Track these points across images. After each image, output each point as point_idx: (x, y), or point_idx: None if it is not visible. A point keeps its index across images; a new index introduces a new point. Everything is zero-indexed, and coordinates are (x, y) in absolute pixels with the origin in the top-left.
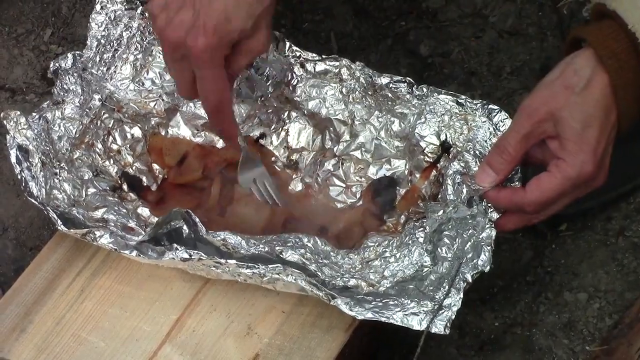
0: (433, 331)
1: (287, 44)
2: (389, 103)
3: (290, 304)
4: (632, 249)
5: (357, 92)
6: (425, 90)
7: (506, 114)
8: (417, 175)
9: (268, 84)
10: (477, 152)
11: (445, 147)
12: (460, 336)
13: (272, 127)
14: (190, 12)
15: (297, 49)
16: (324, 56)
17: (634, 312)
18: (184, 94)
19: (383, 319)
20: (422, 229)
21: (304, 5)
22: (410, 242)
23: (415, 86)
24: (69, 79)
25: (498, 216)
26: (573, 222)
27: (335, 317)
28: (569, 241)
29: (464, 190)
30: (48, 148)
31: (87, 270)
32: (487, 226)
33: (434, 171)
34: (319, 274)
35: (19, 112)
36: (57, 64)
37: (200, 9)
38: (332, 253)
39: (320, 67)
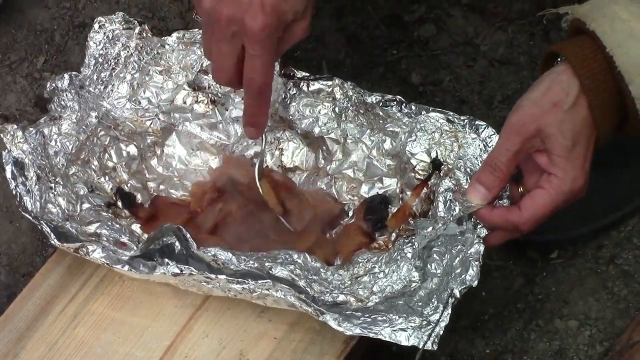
0: (420, 346)
1: (281, 63)
2: (381, 122)
3: (282, 331)
4: (622, 277)
5: (349, 111)
6: (414, 108)
7: (493, 130)
8: (409, 193)
9: None
10: (468, 169)
11: (436, 165)
12: None
13: (267, 146)
14: None
15: (291, 68)
16: (317, 75)
17: (624, 340)
18: (224, 77)
19: (371, 335)
20: (410, 244)
21: None
22: (398, 257)
23: (404, 104)
24: (66, 95)
25: (487, 232)
26: (564, 249)
27: (327, 343)
28: (560, 269)
29: (456, 209)
30: (44, 162)
31: (79, 297)
32: (476, 242)
33: (425, 189)
34: (308, 289)
35: (15, 126)
36: (53, 84)
37: None
38: (321, 269)
39: (314, 86)
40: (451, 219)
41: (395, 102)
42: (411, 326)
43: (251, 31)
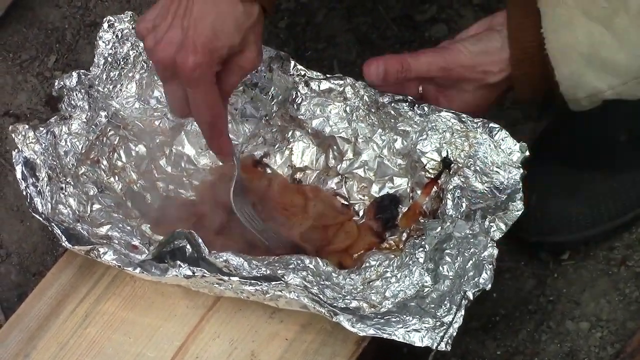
0: (434, 347)
1: (292, 62)
2: (392, 121)
3: (294, 331)
4: (634, 279)
5: (360, 110)
6: (426, 109)
7: (507, 133)
8: (419, 192)
9: (273, 103)
10: (478, 167)
11: (446, 163)
12: None
13: (276, 146)
14: (179, 31)
15: (302, 67)
16: (327, 75)
17: (635, 342)
18: (177, 112)
19: (385, 336)
20: (421, 248)
21: (307, 33)
22: (410, 262)
23: (416, 105)
24: (76, 95)
25: (500, 236)
26: (575, 251)
27: (339, 345)
28: (571, 270)
29: (463, 205)
30: (55, 162)
31: (91, 296)
32: (489, 245)
33: (435, 187)
34: (321, 296)
35: (27, 126)
36: (61, 83)
37: (188, 26)
38: (333, 274)
39: (325, 85)
40: (459, 216)
41: (407, 102)
42: (425, 327)
43: (183, 72)
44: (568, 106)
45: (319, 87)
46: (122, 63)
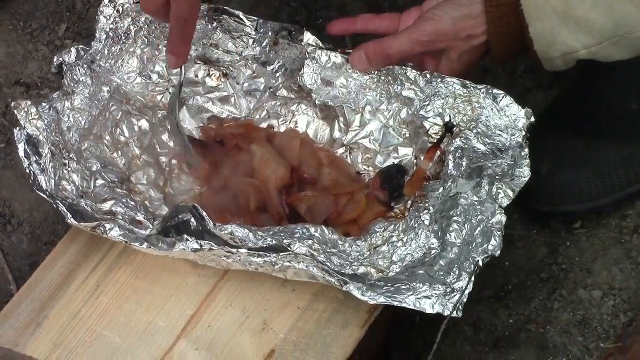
0: (445, 314)
1: (306, 34)
2: (398, 87)
3: (306, 300)
4: None
5: (369, 82)
6: (428, 76)
7: (511, 99)
8: (422, 158)
9: (277, 75)
10: (480, 130)
11: (448, 127)
12: (474, 333)
13: (281, 119)
14: None
15: (315, 38)
16: (339, 49)
17: None
18: (153, 4)
19: (395, 303)
20: (426, 210)
21: (318, 2)
22: (415, 225)
23: (419, 72)
24: (78, 70)
25: (508, 202)
26: (587, 219)
27: (351, 313)
28: (583, 239)
29: (464, 163)
30: (58, 139)
31: (102, 265)
32: (497, 212)
33: (438, 152)
34: (328, 264)
35: (29, 102)
36: (60, 59)
37: None
38: (339, 241)
39: (335, 58)
40: (460, 175)
41: (412, 68)
42: (435, 294)
43: None
44: (543, 66)
45: (329, 58)
46: (123, 38)
